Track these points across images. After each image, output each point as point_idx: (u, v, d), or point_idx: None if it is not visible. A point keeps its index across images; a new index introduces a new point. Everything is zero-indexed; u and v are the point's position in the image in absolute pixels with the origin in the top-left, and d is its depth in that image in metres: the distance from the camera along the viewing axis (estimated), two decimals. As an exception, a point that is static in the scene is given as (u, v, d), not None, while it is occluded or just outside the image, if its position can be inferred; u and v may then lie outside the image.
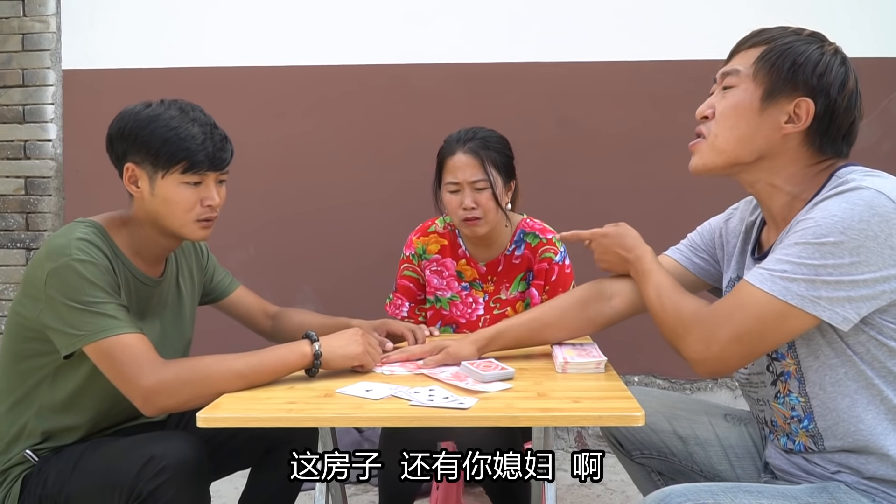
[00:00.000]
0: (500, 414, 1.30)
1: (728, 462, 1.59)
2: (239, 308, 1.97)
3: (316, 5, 3.24)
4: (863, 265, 1.17)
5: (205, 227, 1.62)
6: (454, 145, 2.13)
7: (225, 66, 3.26)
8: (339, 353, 1.55)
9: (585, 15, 3.17)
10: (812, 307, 1.19)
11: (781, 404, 1.37)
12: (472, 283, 2.25)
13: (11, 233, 3.36)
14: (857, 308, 1.19)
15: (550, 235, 2.21)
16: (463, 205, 2.09)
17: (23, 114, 3.34)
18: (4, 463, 1.58)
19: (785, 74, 1.29)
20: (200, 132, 1.55)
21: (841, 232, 1.17)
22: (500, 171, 2.12)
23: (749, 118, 1.32)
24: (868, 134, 3.06)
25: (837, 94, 1.29)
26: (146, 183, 1.56)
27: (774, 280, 1.22)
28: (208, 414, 1.31)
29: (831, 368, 1.28)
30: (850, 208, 1.18)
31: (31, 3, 3.32)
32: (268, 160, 3.21)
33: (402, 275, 2.30)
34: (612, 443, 1.73)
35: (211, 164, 1.57)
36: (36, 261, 1.51)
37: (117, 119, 1.59)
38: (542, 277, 2.18)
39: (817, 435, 1.32)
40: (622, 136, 3.15)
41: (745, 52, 1.36)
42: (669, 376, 3.22)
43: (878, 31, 3.09)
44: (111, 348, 1.44)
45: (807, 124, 1.29)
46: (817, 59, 1.30)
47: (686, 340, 1.33)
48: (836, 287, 1.18)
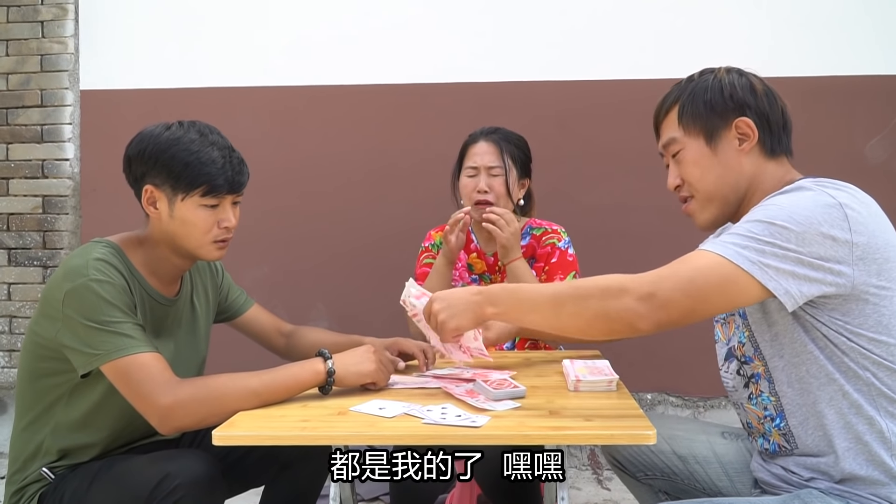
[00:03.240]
0: (511, 432, 1.30)
1: (728, 478, 1.61)
2: (253, 326, 1.98)
3: (329, 26, 3.29)
4: (806, 251, 1.22)
5: (220, 248, 1.65)
6: (478, 136, 2.29)
7: (239, 85, 3.31)
8: (352, 371, 1.56)
9: (596, 34, 3.19)
10: (760, 273, 1.22)
11: (755, 405, 1.43)
12: (482, 275, 2.34)
13: (29, 251, 3.40)
14: (799, 286, 1.23)
15: (556, 227, 2.31)
16: (477, 188, 2.22)
17: (41, 133, 3.39)
18: (21, 481, 1.60)
19: (707, 115, 1.42)
20: (220, 156, 1.57)
21: (787, 218, 1.23)
22: (517, 164, 2.26)
23: (710, 162, 1.43)
24: (879, 151, 3.06)
25: (754, 99, 1.41)
26: (165, 204, 1.59)
27: (725, 245, 1.26)
28: (224, 432, 1.32)
29: (794, 367, 1.33)
30: (796, 201, 1.27)
31: (50, 24, 3.39)
32: (282, 179, 3.24)
33: (423, 263, 2.38)
34: (616, 465, 1.74)
35: (230, 188, 1.60)
36: (54, 281, 1.53)
37: (137, 141, 1.60)
38: (544, 260, 2.26)
39: (789, 433, 1.37)
40: (637, 154, 3.15)
41: (665, 121, 1.50)
42: (682, 394, 3.20)
43: (886, 49, 3.09)
44: (128, 367, 1.45)
45: (756, 136, 1.40)
46: (719, 87, 1.43)
47: (624, 297, 1.27)
48: (782, 260, 1.22)
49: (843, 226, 1.23)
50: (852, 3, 3.11)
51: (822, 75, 3.05)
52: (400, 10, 3.26)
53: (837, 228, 1.22)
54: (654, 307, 1.25)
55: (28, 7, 3.39)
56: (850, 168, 1.43)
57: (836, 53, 3.09)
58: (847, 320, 1.27)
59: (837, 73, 3.06)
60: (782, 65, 3.02)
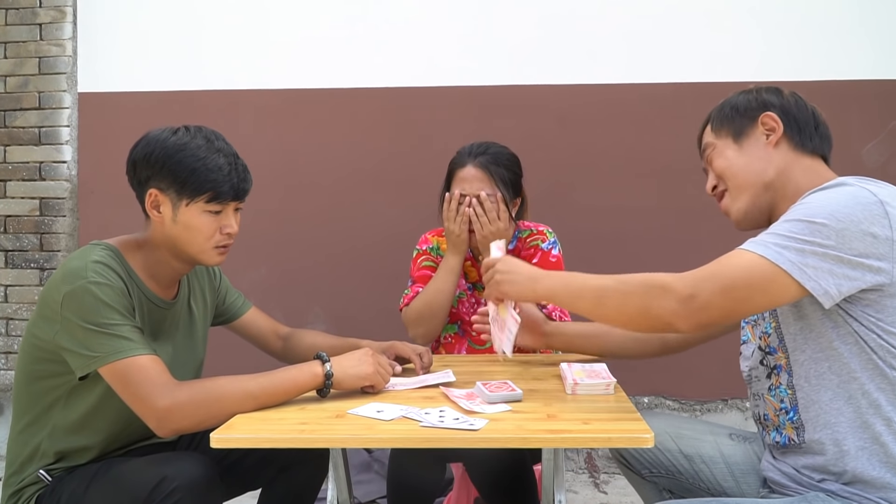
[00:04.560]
0: (509, 435, 1.30)
1: (733, 479, 1.62)
2: (251, 329, 1.98)
3: (325, 30, 3.29)
4: (846, 248, 1.23)
5: (221, 254, 1.65)
6: (465, 158, 2.19)
7: (236, 88, 3.32)
8: (350, 373, 1.56)
9: (592, 38, 3.20)
10: (799, 274, 1.24)
11: (773, 397, 1.45)
12: (476, 284, 2.30)
13: (26, 253, 3.40)
14: (838, 284, 1.24)
15: (542, 228, 2.29)
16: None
17: (39, 136, 3.39)
18: (18, 483, 1.60)
19: (734, 116, 1.50)
20: (226, 163, 1.58)
21: (828, 215, 1.24)
22: (508, 188, 2.18)
23: (738, 156, 1.49)
24: (876, 156, 3.07)
25: (780, 100, 1.48)
26: (169, 209, 1.59)
27: (767, 245, 1.27)
28: (222, 434, 1.32)
29: (816, 362, 1.34)
30: (835, 197, 1.27)
31: (48, 27, 3.39)
32: (279, 182, 3.25)
33: (421, 266, 2.31)
34: (622, 462, 1.76)
35: (234, 195, 1.61)
36: (52, 283, 1.53)
37: (143, 144, 1.60)
38: (526, 262, 2.20)
39: (800, 426, 1.38)
40: (633, 157, 3.17)
41: (703, 135, 1.58)
42: (679, 397, 3.21)
43: (882, 54, 3.11)
44: (126, 370, 1.45)
45: (781, 127, 1.44)
46: (745, 95, 1.52)
47: (665, 297, 1.31)
48: (822, 258, 1.23)
49: (884, 222, 1.23)
50: (844, 8, 3.12)
51: (815, 80, 3.05)
52: (397, 14, 3.27)
53: (878, 225, 1.23)
54: (694, 309, 1.28)
55: (26, 10, 3.39)
56: (847, 173, 1.43)
57: (828, 58, 3.10)
58: (881, 317, 1.27)
59: (831, 77, 3.07)
60: (775, 70, 3.02)
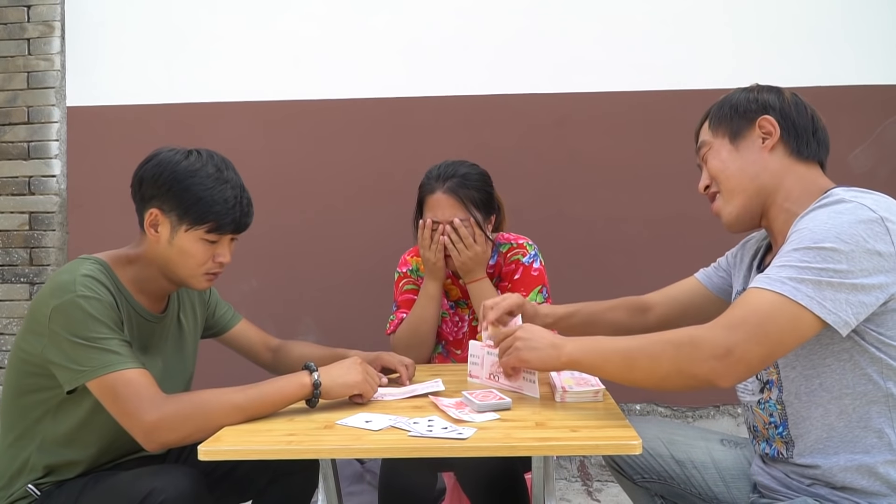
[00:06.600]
0: (498, 444, 1.30)
1: (724, 484, 1.63)
2: (241, 342, 1.98)
3: (316, 41, 3.30)
4: (857, 271, 1.23)
5: (209, 280, 1.67)
6: (434, 183, 2.13)
7: (226, 101, 3.32)
8: (338, 382, 1.56)
9: (585, 47, 3.21)
10: (819, 309, 1.23)
11: (762, 410, 1.45)
12: (458, 302, 2.28)
13: (15, 267, 3.38)
14: (855, 312, 1.24)
15: (522, 241, 2.24)
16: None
17: (28, 150, 3.38)
18: (7, 497, 1.59)
19: (732, 116, 1.49)
20: (232, 196, 1.59)
21: (835, 238, 1.24)
22: (480, 209, 2.12)
23: (733, 158, 1.48)
24: (864, 161, 3.09)
25: (780, 102, 1.46)
26: (167, 230, 1.59)
27: (783, 282, 1.25)
28: (210, 447, 1.32)
29: (807, 379, 1.34)
30: (837, 216, 1.26)
31: (37, 41, 3.39)
32: (270, 193, 3.24)
33: (403, 290, 2.29)
34: (614, 468, 1.76)
35: (235, 229, 1.62)
36: (40, 297, 1.53)
37: (154, 164, 1.60)
38: (508, 278, 2.20)
39: (790, 441, 1.39)
40: (625, 165, 3.18)
41: (700, 131, 1.57)
42: (671, 404, 3.21)
43: (869, 59, 3.13)
44: (114, 383, 1.45)
45: (778, 132, 1.44)
46: (746, 95, 1.50)
47: (700, 357, 1.27)
48: (837, 289, 1.23)
49: (886, 239, 1.24)
50: (834, 16, 3.14)
51: (804, 86, 3.07)
52: (387, 25, 3.28)
53: (882, 242, 1.24)
54: (732, 363, 1.24)
55: (14, 24, 3.39)
56: (835, 178, 1.44)
57: (818, 65, 3.12)
58: (881, 331, 1.28)
59: (819, 83, 3.09)
60: (766, 76, 3.02)
